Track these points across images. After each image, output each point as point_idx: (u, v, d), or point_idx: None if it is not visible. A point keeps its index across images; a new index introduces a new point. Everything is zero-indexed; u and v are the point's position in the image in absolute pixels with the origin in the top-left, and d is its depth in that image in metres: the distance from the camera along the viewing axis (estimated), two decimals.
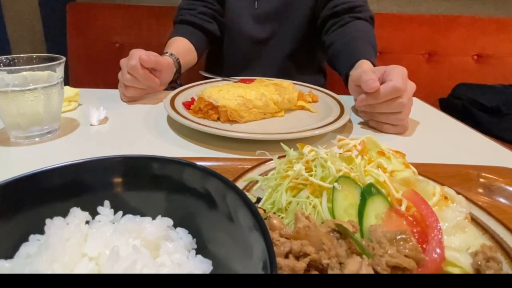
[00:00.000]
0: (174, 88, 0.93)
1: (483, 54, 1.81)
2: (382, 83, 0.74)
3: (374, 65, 0.93)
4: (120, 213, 0.34)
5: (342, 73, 1.01)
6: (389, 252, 0.31)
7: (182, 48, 1.09)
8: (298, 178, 0.42)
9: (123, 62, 0.90)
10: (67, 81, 0.86)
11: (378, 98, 0.74)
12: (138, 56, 0.85)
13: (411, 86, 0.76)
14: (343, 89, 0.99)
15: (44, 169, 0.33)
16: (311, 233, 0.31)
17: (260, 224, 0.26)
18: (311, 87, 0.99)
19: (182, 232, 0.33)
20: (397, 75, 0.73)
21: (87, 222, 0.32)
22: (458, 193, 0.42)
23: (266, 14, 1.23)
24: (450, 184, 0.45)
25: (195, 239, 0.33)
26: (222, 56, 1.33)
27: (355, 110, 0.88)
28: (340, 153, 0.46)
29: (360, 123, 0.84)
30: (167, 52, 1.01)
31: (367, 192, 0.37)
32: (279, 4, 1.22)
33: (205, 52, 1.26)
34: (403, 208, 0.38)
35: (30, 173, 0.32)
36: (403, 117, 0.76)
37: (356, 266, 0.28)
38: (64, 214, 0.32)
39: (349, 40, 1.04)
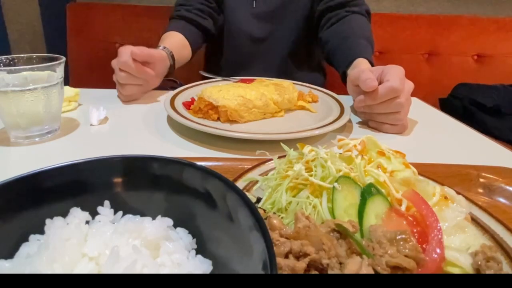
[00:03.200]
0: (174, 88, 0.93)
1: (483, 54, 1.81)
2: (379, 83, 0.74)
3: (371, 62, 0.93)
4: (120, 213, 0.34)
5: (339, 71, 1.01)
6: (389, 252, 0.31)
7: (176, 43, 1.09)
8: (298, 178, 0.42)
9: (114, 62, 0.89)
10: (67, 81, 0.86)
11: (376, 99, 0.74)
12: (128, 52, 0.85)
13: (409, 86, 0.76)
14: (343, 89, 0.99)
15: (44, 169, 0.32)
16: (311, 233, 0.31)
17: (260, 224, 0.26)
18: (311, 87, 0.99)
19: (182, 232, 0.33)
20: (394, 75, 0.73)
21: (87, 222, 0.32)
22: (458, 193, 0.42)
23: (264, 12, 1.23)
24: (450, 184, 0.45)
25: (195, 239, 0.33)
26: (222, 56, 1.33)
27: (354, 110, 0.88)
28: (340, 153, 0.46)
29: (360, 123, 0.84)
30: (160, 46, 1.01)
31: (367, 192, 0.37)
32: (277, 2, 1.22)
33: (199, 49, 1.25)
34: (403, 208, 0.38)
35: (30, 173, 0.32)
36: (402, 117, 0.76)
37: (356, 266, 0.28)
38: (64, 214, 0.32)
39: (345, 37, 1.04)
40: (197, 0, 1.21)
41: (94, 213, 0.33)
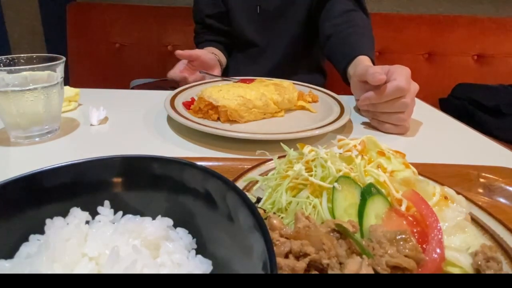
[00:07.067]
0: (174, 88, 0.93)
1: (483, 54, 1.81)
2: (386, 82, 0.74)
3: (373, 61, 0.94)
4: (120, 213, 0.34)
5: (339, 67, 1.01)
6: (389, 252, 0.31)
7: (213, 50, 1.23)
8: (298, 178, 0.42)
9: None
10: (67, 81, 0.86)
11: (381, 97, 0.74)
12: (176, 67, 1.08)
13: (415, 87, 0.76)
14: (343, 89, 0.99)
15: (44, 169, 0.32)
16: (311, 233, 0.31)
17: (260, 224, 0.26)
18: (311, 87, 0.98)
19: (182, 232, 0.33)
20: (401, 75, 0.73)
21: (87, 222, 0.32)
22: (458, 193, 0.42)
23: (268, 16, 1.24)
24: (450, 184, 0.45)
25: (195, 239, 0.33)
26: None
27: (356, 108, 0.88)
28: (340, 153, 0.46)
29: (361, 123, 0.84)
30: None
31: (367, 192, 0.37)
32: (280, 5, 1.22)
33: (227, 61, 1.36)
34: (403, 208, 0.38)
35: (30, 173, 0.32)
36: (405, 117, 0.76)
37: (356, 266, 0.28)
38: (64, 214, 0.32)
39: (348, 34, 1.04)
40: (210, 24, 1.30)
41: (94, 213, 0.33)
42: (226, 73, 1.29)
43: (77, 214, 0.32)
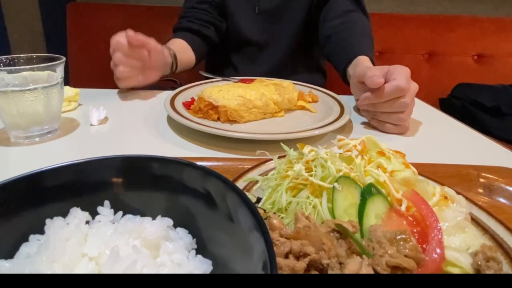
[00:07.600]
0: (174, 88, 0.93)
1: (483, 54, 1.81)
2: (385, 82, 0.74)
3: (372, 60, 0.94)
4: (120, 213, 0.34)
5: (339, 68, 1.02)
6: (389, 252, 0.31)
7: (178, 47, 1.11)
8: (298, 178, 0.42)
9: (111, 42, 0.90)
10: (67, 81, 0.86)
11: (381, 97, 0.74)
12: (123, 33, 0.87)
13: (414, 87, 0.76)
14: (343, 89, 0.99)
15: (44, 169, 0.32)
16: (311, 233, 0.31)
17: (260, 224, 0.26)
18: (311, 87, 0.99)
19: (182, 232, 0.33)
20: (401, 74, 0.73)
21: (87, 222, 0.32)
22: (458, 193, 0.42)
23: (267, 16, 1.24)
24: (450, 184, 0.45)
25: (195, 239, 0.33)
26: (222, 59, 1.34)
27: (356, 108, 0.88)
28: (340, 153, 0.46)
29: (361, 123, 0.84)
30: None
31: (367, 192, 0.37)
32: (279, 5, 1.22)
33: (203, 57, 1.29)
34: (403, 208, 0.38)
35: (30, 173, 0.32)
36: (405, 117, 0.76)
37: (356, 266, 0.28)
38: (64, 214, 0.32)
39: (347, 35, 1.04)
40: (198, 11, 1.23)
41: (94, 213, 0.33)
42: (225, 73, 1.29)
43: (77, 214, 0.32)
